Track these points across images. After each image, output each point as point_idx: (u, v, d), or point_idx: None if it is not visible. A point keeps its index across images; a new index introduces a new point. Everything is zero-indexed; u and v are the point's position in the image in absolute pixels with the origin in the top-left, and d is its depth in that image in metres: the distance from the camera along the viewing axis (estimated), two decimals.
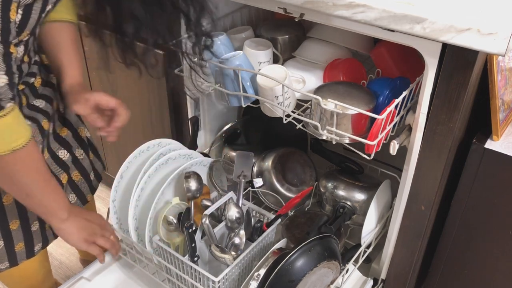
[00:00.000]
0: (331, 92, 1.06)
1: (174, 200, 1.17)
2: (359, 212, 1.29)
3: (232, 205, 1.14)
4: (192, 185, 1.16)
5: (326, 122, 1.03)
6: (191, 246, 1.09)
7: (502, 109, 1.05)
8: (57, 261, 1.85)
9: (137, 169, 1.18)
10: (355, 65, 1.18)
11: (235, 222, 1.13)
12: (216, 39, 1.20)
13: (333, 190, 1.33)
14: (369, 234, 1.23)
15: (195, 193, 1.16)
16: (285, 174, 1.40)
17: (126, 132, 1.72)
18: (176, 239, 1.17)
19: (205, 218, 1.09)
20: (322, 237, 1.07)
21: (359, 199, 1.29)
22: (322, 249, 1.05)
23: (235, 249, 1.10)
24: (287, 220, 1.31)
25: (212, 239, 1.10)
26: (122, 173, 1.18)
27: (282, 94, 1.09)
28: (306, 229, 1.24)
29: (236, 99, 1.19)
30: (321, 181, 1.37)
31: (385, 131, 0.99)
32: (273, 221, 1.18)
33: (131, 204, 1.13)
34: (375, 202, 1.21)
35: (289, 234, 1.25)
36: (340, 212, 1.27)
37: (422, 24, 0.83)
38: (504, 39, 0.77)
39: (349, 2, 0.90)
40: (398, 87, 1.05)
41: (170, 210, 1.16)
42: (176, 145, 1.27)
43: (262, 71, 1.12)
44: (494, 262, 1.15)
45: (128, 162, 1.18)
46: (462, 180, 1.08)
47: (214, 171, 1.28)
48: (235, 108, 1.54)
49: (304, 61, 1.22)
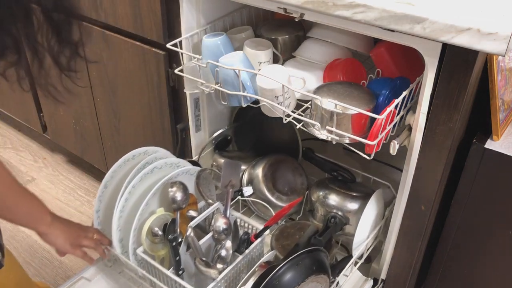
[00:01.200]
0: (331, 92, 1.06)
1: (159, 211, 1.14)
2: (351, 222, 1.25)
3: (219, 216, 1.10)
4: (178, 196, 1.12)
5: (326, 122, 1.03)
6: (175, 260, 1.06)
7: (502, 109, 1.05)
8: (57, 261, 1.85)
9: (122, 178, 1.15)
10: (355, 65, 1.18)
11: (222, 234, 1.09)
12: (215, 39, 1.20)
13: (324, 199, 1.29)
14: (361, 245, 1.20)
15: (181, 204, 1.13)
16: (275, 182, 1.38)
17: (126, 132, 1.72)
18: (161, 251, 1.15)
19: (190, 231, 1.06)
20: (311, 250, 1.04)
21: (351, 208, 1.26)
22: (311, 262, 1.02)
23: (222, 261, 1.07)
24: (276, 230, 1.28)
25: (197, 252, 1.07)
26: (106, 182, 1.16)
27: (282, 94, 1.08)
28: (296, 240, 1.22)
29: (236, 99, 1.19)
30: (312, 190, 1.33)
31: (385, 131, 0.99)
32: (261, 232, 1.15)
33: (115, 215, 1.10)
34: (367, 212, 1.18)
35: (278, 245, 1.23)
36: (331, 222, 1.23)
37: (422, 24, 0.83)
38: (504, 39, 0.77)
39: (349, 2, 0.89)
40: (398, 87, 1.05)
41: (155, 221, 1.13)
42: (163, 153, 1.23)
43: (262, 71, 1.12)
44: (494, 262, 1.15)
45: (113, 171, 1.16)
46: (462, 180, 1.08)
47: (201, 180, 1.24)
48: (234, 109, 1.54)
49: (304, 61, 1.22)
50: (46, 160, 2.36)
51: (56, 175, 2.27)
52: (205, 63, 1.18)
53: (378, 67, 1.17)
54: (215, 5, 1.29)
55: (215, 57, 1.18)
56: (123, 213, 1.13)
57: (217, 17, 1.31)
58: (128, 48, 1.47)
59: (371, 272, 1.30)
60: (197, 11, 1.26)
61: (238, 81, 1.13)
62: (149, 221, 1.12)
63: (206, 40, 1.21)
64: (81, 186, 2.20)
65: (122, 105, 1.65)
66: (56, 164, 2.34)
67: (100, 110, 1.76)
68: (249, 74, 1.14)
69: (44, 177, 2.26)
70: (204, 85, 1.22)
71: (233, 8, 1.34)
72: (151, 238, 1.13)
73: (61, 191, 2.17)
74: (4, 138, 2.51)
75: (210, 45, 1.20)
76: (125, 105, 1.64)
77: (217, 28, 1.31)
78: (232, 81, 1.15)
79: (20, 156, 2.39)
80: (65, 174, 2.28)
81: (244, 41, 1.23)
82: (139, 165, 1.16)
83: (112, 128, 1.76)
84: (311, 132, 1.09)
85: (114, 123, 1.73)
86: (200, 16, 1.27)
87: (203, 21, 1.28)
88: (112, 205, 1.13)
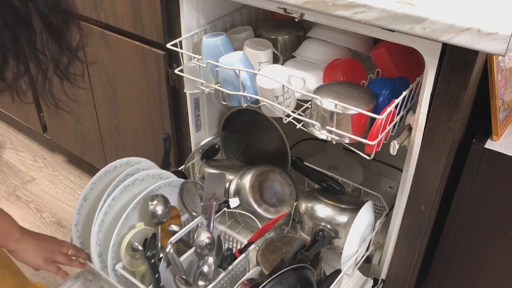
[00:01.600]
0: (331, 92, 1.06)
1: (139, 226, 1.11)
2: (340, 235, 1.22)
3: (201, 231, 1.07)
4: (158, 209, 1.09)
5: (326, 122, 1.03)
6: (154, 277, 1.03)
7: (502, 109, 1.05)
8: None
9: (102, 191, 1.12)
10: (355, 65, 1.18)
11: (205, 249, 1.06)
12: (215, 39, 1.20)
13: (312, 211, 1.25)
14: (350, 259, 1.16)
15: (162, 218, 1.10)
16: (263, 193, 1.34)
17: (126, 132, 1.72)
18: (141, 267, 1.11)
19: (169, 247, 1.02)
20: (295, 268, 1.00)
21: (340, 221, 1.22)
22: (295, 280, 0.99)
23: (204, 278, 1.03)
24: (262, 244, 1.25)
25: (177, 269, 1.04)
26: (85, 195, 1.12)
27: (282, 94, 1.08)
28: (282, 254, 1.18)
29: (236, 99, 1.19)
30: (300, 202, 1.30)
31: (385, 131, 0.99)
32: (245, 248, 1.12)
33: (94, 229, 1.07)
34: (356, 226, 1.15)
35: (263, 260, 1.20)
36: (318, 236, 1.18)
37: (422, 24, 0.83)
38: (504, 39, 0.77)
39: (349, 2, 0.89)
40: (398, 87, 1.04)
41: (135, 236, 1.09)
42: (146, 164, 1.20)
43: (262, 71, 1.12)
44: (494, 262, 1.15)
45: (93, 183, 1.13)
46: (462, 180, 1.08)
47: (185, 192, 1.21)
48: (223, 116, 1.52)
49: (304, 61, 1.22)
50: (46, 160, 2.36)
51: (56, 175, 2.27)
52: (205, 63, 1.18)
53: (378, 67, 1.17)
54: (215, 5, 1.29)
55: (215, 57, 1.18)
56: (102, 227, 1.09)
57: (217, 17, 1.31)
58: (128, 48, 1.47)
59: (371, 272, 1.30)
60: (197, 11, 1.26)
61: (238, 81, 1.13)
62: (128, 236, 1.08)
63: (206, 40, 1.21)
64: (81, 186, 2.20)
65: (122, 105, 1.65)
66: (56, 164, 2.34)
67: (100, 110, 1.76)
68: (249, 74, 1.14)
69: (44, 177, 2.26)
70: (204, 85, 1.22)
71: (233, 8, 1.34)
72: (131, 254, 1.10)
73: (61, 191, 2.17)
74: (4, 138, 2.51)
75: (210, 45, 1.20)
76: (125, 105, 1.64)
77: (217, 28, 1.31)
78: (232, 81, 1.15)
79: (20, 156, 2.39)
80: (65, 174, 2.28)
81: (244, 41, 1.23)
82: (119, 177, 1.12)
83: (112, 128, 1.76)
84: (311, 132, 1.08)
85: (114, 123, 1.73)
86: (200, 16, 1.27)
87: (203, 21, 1.28)
88: (91, 219, 1.09)
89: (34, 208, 2.07)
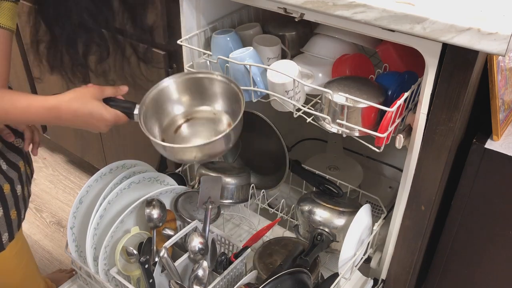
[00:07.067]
0: (341, 87, 1.05)
1: (133, 230, 1.10)
2: (338, 238, 1.20)
3: (194, 236, 1.07)
4: (154, 214, 1.09)
5: (337, 115, 1.03)
6: (148, 282, 1.02)
7: (502, 109, 1.05)
8: (57, 261, 1.85)
9: (98, 194, 1.11)
10: (363, 60, 1.18)
11: (198, 254, 1.06)
12: (225, 36, 1.20)
13: (310, 215, 1.23)
14: (347, 262, 1.15)
15: (157, 222, 1.09)
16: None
17: (126, 132, 1.72)
18: (136, 272, 1.10)
19: (164, 251, 1.02)
20: (292, 272, 1.00)
21: (338, 225, 1.20)
22: (291, 284, 0.99)
23: (199, 282, 1.03)
24: (260, 247, 1.24)
25: (172, 274, 1.03)
26: (81, 197, 1.11)
27: (292, 89, 1.08)
28: (280, 257, 1.18)
29: (246, 94, 1.18)
30: (298, 205, 1.29)
31: (394, 124, 0.99)
32: (240, 252, 1.12)
33: (89, 232, 1.06)
34: (353, 229, 1.14)
35: (261, 263, 1.19)
36: (317, 240, 1.17)
37: (422, 24, 0.83)
38: (504, 39, 0.77)
39: (349, 2, 0.90)
40: (407, 81, 1.05)
41: (130, 240, 1.09)
42: (142, 167, 1.20)
43: (272, 66, 1.12)
44: (494, 262, 1.15)
45: (88, 186, 1.12)
46: (462, 180, 1.08)
47: (180, 201, 1.21)
48: None
49: (312, 57, 1.23)
50: (46, 160, 2.36)
51: (56, 175, 2.27)
52: (216, 59, 1.18)
53: (385, 62, 1.17)
54: (215, 5, 1.29)
55: (224, 53, 1.18)
56: (98, 230, 1.08)
57: (218, 17, 1.31)
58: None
59: (371, 272, 1.30)
60: (197, 11, 1.26)
61: (249, 77, 1.13)
62: (123, 241, 1.08)
63: (216, 37, 1.22)
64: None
65: None
66: (56, 164, 2.34)
67: None
68: (259, 69, 1.14)
69: (44, 177, 2.26)
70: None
71: (233, 8, 1.34)
72: (126, 258, 1.09)
73: (61, 191, 2.17)
74: None
75: (220, 42, 1.21)
76: None
77: (225, 25, 1.31)
78: (243, 76, 1.15)
79: None
80: (65, 174, 2.28)
81: (252, 38, 1.24)
82: (115, 180, 1.11)
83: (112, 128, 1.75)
84: (322, 125, 1.07)
85: None
86: (200, 16, 1.27)
87: (203, 21, 1.28)
88: (87, 222, 1.08)
89: (33, 208, 2.07)
